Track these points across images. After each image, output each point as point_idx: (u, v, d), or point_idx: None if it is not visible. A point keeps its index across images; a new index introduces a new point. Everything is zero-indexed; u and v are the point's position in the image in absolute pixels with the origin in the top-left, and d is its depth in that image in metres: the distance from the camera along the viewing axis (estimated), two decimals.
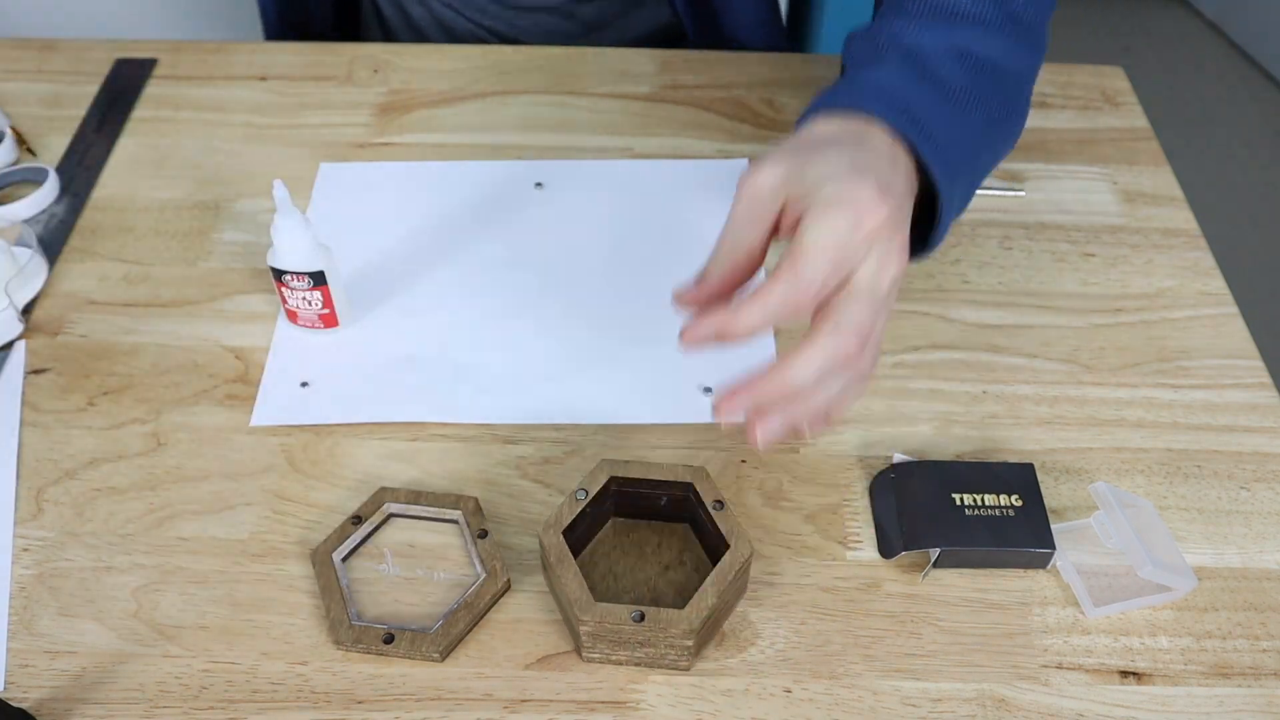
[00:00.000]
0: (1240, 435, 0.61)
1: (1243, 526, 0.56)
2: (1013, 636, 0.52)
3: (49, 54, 0.87)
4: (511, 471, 0.58)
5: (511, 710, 0.49)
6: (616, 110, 0.81)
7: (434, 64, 0.85)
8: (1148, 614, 0.53)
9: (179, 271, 0.69)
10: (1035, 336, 0.66)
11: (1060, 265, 0.70)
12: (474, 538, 0.54)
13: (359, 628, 0.51)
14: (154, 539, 0.55)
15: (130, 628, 0.52)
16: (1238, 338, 0.66)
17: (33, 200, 0.72)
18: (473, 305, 0.67)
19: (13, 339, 0.65)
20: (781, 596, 0.53)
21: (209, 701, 0.49)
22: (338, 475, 0.58)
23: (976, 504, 0.54)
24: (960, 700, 0.50)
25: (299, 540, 0.55)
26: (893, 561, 0.55)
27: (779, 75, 0.84)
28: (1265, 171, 2.06)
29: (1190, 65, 2.31)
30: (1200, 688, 0.50)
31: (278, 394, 0.62)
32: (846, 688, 0.50)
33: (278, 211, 0.59)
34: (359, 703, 0.49)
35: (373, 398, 0.62)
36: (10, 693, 0.50)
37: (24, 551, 0.55)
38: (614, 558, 0.54)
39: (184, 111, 0.81)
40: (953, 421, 0.61)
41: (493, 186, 0.75)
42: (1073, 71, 0.85)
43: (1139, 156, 0.78)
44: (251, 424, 0.60)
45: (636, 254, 0.70)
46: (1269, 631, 0.52)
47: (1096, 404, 0.62)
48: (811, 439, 0.60)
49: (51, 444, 0.60)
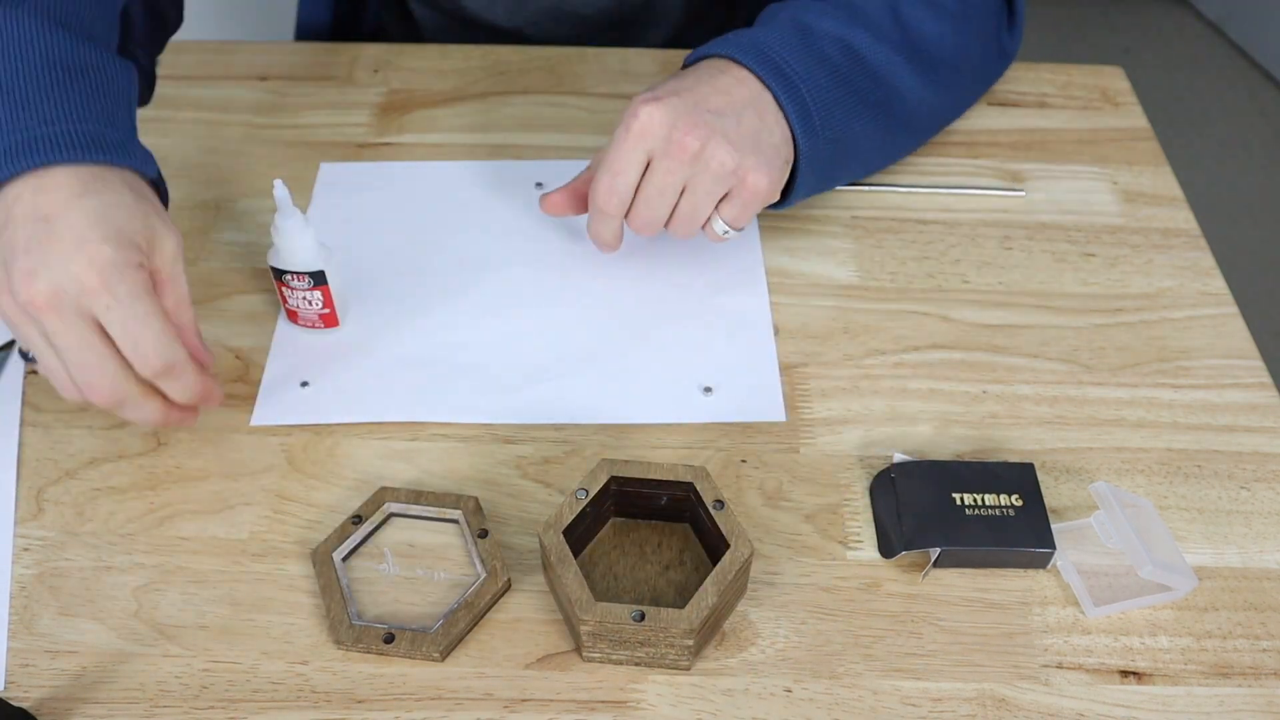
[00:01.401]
0: (1240, 435, 0.61)
1: (1243, 526, 0.57)
2: (1013, 636, 0.52)
3: None
4: (512, 471, 0.58)
5: (512, 710, 0.49)
6: (616, 110, 0.81)
7: (434, 64, 0.85)
8: (1148, 614, 0.53)
9: None
10: (1035, 336, 0.66)
11: (1060, 265, 0.70)
12: (474, 537, 0.54)
13: (359, 627, 0.51)
14: (154, 539, 0.55)
15: (130, 627, 0.52)
16: (1238, 338, 0.66)
17: None
18: (473, 305, 0.67)
19: (13, 338, 0.65)
20: (781, 596, 0.53)
21: (209, 701, 0.49)
22: (338, 475, 0.58)
23: (976, 504, 0.54)
24: (960, 700, 0.50)
25: (299, 540, 0.55)
26: (893, 561, 0.55)
27: None
28: (1265, 171, 2.06)
29: (1190, 65, 2.31)
30: (1200, 687, 0.50)
31: (278, 394, 0.62)
32: (847, 687, 0.50)
33: (278, 211, 0.59)
34: (359, 702, 0.49)
35: (373, 397, 0.62)
36: (10, 692, 0.50)
37: (24, 551, 0.55)
38: (614, 557, 0.54)
39: (184, 111, 0.81)
40: (953, 421, 0.61)
41: (493, 186, 0.75)
42: (1073, 71, 0.85)
43: (1139, 156, 0.78)
44: (251, 423, 0.60)
45: (636, 254, 0.70)
46: (1269, 631, 0.52)
47: (1096, 404, 0.62)
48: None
49: (52, 443, 0.60)
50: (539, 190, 0.74)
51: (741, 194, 0.60)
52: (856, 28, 0.65)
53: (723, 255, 0.70)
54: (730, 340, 0.65)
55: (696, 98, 0.60)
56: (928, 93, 0.69)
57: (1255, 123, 2.17)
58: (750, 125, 0.60)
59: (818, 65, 0.63)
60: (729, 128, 0.59)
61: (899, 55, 0.66)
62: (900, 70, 0.66)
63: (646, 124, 0.59)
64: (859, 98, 0.65)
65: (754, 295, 0.67)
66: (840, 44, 0.64)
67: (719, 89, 0.61)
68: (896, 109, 0.67)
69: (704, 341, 0.65)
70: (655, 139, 0.59)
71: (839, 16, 0.65)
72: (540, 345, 0.65)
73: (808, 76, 0.62)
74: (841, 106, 0.64)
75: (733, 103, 0.60)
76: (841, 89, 0.64)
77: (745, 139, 0.59)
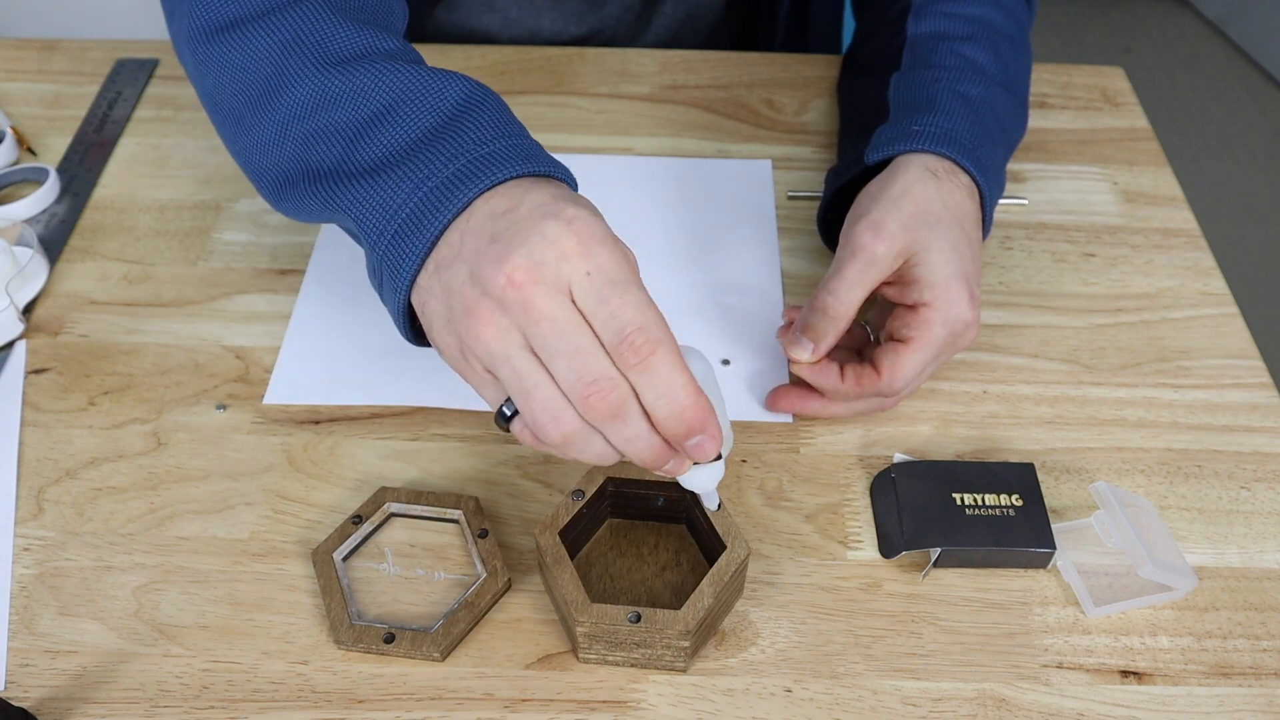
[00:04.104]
0: (1240, 435, 0.61)
1: (1243, 526, 0.57)
2: (1013, 636, 0.52)
3: (49, 54, 0.87)
4: (512, 471, 0.58)
5: (512, 710, 0.49)
6: (616, 110, 0.81)
7: (434, 64, 0.85)
8: (1148, 614, 0.53)
9: (179, 271, 0.69)
10: (1035, 336, 0.66)
11: (1060, 265, 0.70)
12: (474, 537, 0.54)
13: (359, 627, 0.51)
14: (154, 538, 0.55)
15: (131, 627, 0.52)
16: (1238, 338, 0.66)
17: (33, 200, 0.72)
18: None
19: (13, 339, 0.65)
20: (782, 596, 0.53)
21: (209, 701, 0.49)
22: (338, 475, 0.58)
23: (977, 504, 0.54)
24: (960, 700, 0.50)
25: (299, 540, 0.55)
26: (893, 561, 0.55)
27: (779, 75, 0.84)
28: (1265, 171, 2.06)
29: (1190, 65, 2.31)
30: (1201, 687, 0.50)
31: (292, 374, 0.62)
32: (847, 687, 0.50)
33: None
34: (359, 702, 0.49)
35: (387, 382, 0.62)
36: (11, 692, 0.50)
37: (24, 551, 0.55)
38: (610, 559, 0.54)
39: (184, 111, 0.81)
40: (953, 421, 0.61)
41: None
42: (1073, 72, 0.85)
43: (1139, 156, 0.78)
44: (265, 402, 0.61)
45: (650, 253, 0.70)
46: (1269, 631, 0.52)
47: (1096, 404, 0.62)
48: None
49: (52, 444, 0.60)
50: None
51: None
52: (980, 45, 0.66)
53: (737, 255, 0.70)
54: (741, 338, 0.65)
55: (977, 263, 0.58)
56: (1024, 64, 0.70)
57: (1255, 123, 2.17)
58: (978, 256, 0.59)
59: (977, 123, 0.62)
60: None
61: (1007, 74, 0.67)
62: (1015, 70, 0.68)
63: (965, 327, 0.57)
64: (1000, 129, 0.65)
65: (768, 295, 0.68)
66: (978, 72, 0.64)
67: (971, 220, 0.59)
68: (1019, 118, 0.69)
69: (716, 337, 0.65)
70: (961, 339, 0.58)
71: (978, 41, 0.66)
72: None
73: (980, 139, 0.62)
74: (989, 140, 0.63)
75: (976, 238, 0.59)
76: (986, 126, 0.63)
77: None
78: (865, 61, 0.75)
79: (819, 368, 0.58)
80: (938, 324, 0.56)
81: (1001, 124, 0.64)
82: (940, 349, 0.57)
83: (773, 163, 0.77)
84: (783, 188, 0.75)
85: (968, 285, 0.56)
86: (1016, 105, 0.67)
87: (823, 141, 0.79)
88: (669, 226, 0.72)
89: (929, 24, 0.68)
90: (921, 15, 0.68)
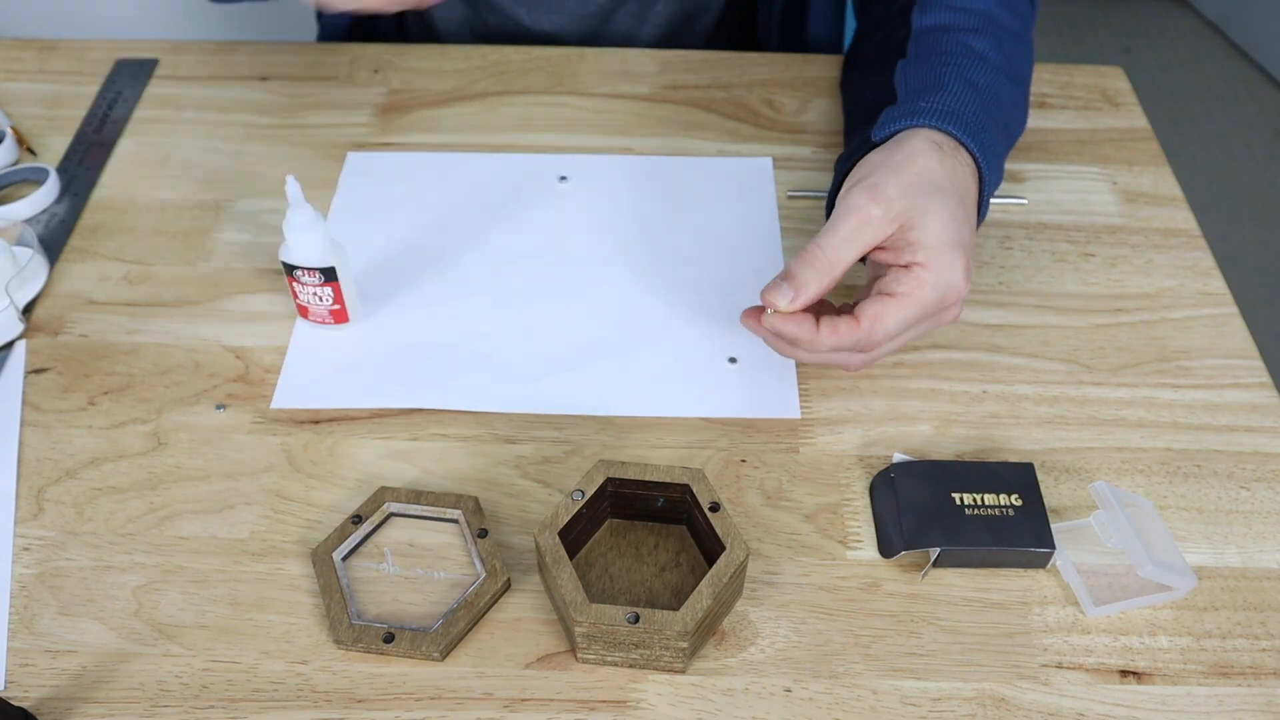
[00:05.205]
0: (1240, 435, 0.61)
1: (1243, 526, 0.57)
2: (1013, 636, 0.52)
3: (49, 54, 0.87)
4: (511, 471, 0.58)
5: (512, 709, 0.49)
6: (616, 110, 0.81)
7: (434, 64, 0.85)
8: (1148, 613, 0.53)
9: (179, 271, 0.69)
10: (1035, 336, 0.66)
11: (1060, 265, 0.70)
12: (474, 537, 0.54)
13: (359, 627, 0.51)
14: (154, 538, 0.55)
15: (131, 627, 0.52)
16: (1238, 338, 0.66)
17: (33, 200, 0.72)
18: (491, 296, 0.68)
19: (13, 339, 0.65)
20: (781, 596, 0.53)
21: (209, 701, 0.49)
22: (338, 475, 0.58)
23: (976, 503, 0.54)
24: (960, 699, 0.50)
25: (299, 540, 0.55)
26: (893, 561, 0.55)
27: (779, 75, 0.84)
28: (1265, 171, 2.06)
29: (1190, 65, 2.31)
30: (1200, 687, 0.50)
31: (297, 379, 0.62)
32: (846, 687, 0.50)
33: (290, 207, 0.59)
34: (359, 702, 0.49)
35: (390, 385, 0.62)
36: (11, 692, 0.50)
37: (24, 551, 0.55)
38: (610, 559, 0.54)
39: (184, 111, 0.81)
40: (953, 421, 0.61)
41: (517, 179, 0.75)
42: (1073, 71, 0.85)
43: (1139, 156, 0.78)
44: (272, 406, 0.61)
45: (656, 251, 0.70)
46: (1269, 631, 0.52)
47: (1096, 404, 0.62)
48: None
49: (52, 443, 0.60)
50: (563, 183, 0.75)
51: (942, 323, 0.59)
52: (983, 36, 0.66)
53: (741, 251, 0.70)
54: (746, 336, 0.65)
55: (972, 240, 0.57)
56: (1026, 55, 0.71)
57: (1255, 123, 2.16)
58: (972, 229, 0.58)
59: (982, 109, 0.62)
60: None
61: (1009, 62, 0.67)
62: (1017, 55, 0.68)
63: (956, 297, 0.56)
64: (1003, 120, 0.65)
65: None
66: (979, 59, 0.64)
67: (971, 197, 0.58)
68: (1020, 101, 0.68)
69: (721, 335, 0.65)
70: (947, 312, 0.57)
71: (982, 31, 0.66)
72: (558, 336, 0.65)
73: (984, 124, 0.61)
74: (993, 126, 0.63)
75: (973, 217, 0.59)
76: (990, 113, 0.63)
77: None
78: (869, 55, 0.75)
79: (794, 318, 0.55)
80: (929, 284, 0.54)
81: (1005, 115, 0.64)
82: (927, 311, 0.55)
83: (773, 161, 0.77)
84: (783, 187, 0.75)
85: (964, 255, 0.55)
86: (1020, 99, 0.67)
87: (823, 141, 0.79)
88: (670, 226, 0.72)
89: (934, 16, 0.68)
90: (927, 8, 0.68)
